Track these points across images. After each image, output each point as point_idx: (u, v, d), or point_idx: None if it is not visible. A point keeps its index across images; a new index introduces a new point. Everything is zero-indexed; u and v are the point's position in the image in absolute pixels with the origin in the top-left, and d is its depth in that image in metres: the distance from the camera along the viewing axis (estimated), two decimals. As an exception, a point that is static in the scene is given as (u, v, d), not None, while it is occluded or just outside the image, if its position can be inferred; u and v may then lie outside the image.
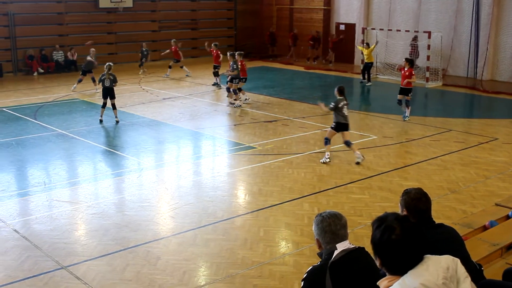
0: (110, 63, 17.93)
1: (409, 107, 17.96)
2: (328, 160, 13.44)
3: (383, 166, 13.23)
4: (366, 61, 25.00)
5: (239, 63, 20.22)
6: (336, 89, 13.51)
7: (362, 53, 25.58)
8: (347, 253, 4.04)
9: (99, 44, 28.94)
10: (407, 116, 17.87)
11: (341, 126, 13.38)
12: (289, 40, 32.26)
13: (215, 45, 23.85)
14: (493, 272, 5.88)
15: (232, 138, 15.98)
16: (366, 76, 24.99)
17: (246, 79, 20.60)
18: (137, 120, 17.88)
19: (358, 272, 4.00)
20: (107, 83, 17.52)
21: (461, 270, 3.09)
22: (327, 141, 13.54)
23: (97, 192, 11.76)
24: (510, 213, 8.68)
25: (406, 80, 17.64)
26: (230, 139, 15.96)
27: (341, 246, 4.06)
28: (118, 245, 9.08)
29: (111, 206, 10.85)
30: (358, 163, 13.28)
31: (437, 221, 4.79)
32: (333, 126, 13.49)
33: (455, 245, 4.66)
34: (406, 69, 17.74)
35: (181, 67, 26.68)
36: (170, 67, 26.71)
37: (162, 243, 9.19)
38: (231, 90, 20.19)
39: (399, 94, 17.99)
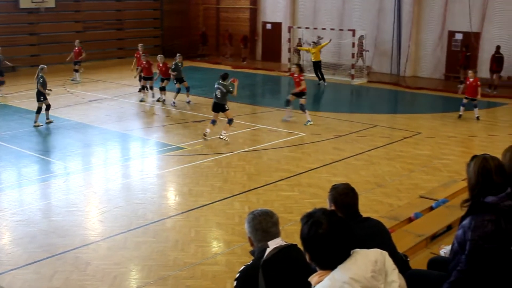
0: (43, 66, 17.69)
1: (306, 111, 17.36)
2: (205, 135, 15.24)
3: (311, 163, 13.41)
4: (313, 60, 24.75)
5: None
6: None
7: (298, 52, 25.52)
8: (279, 250, 4.05)
9: (20, 45, 28.14)
10: (309, 121, 17.25)
11: (214, 106, 15.51)
12: (226, 41, 32.14)
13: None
14: (419, 262, 6.05)
15: (161, 139, 15.84)
16: (320, 76, 24.92)
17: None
18: (62, 123, 17.44)
19: (291, 269, 4.02)
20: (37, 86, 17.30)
21: (389, 263, 3.14)
22: (213, 121, 15.42)
23: (21, 198, 11.40)
24: (433, 205, 8.96)
25: (299, 88, 17.42)
26: (158, 140, 15.81)
27: (273, 244, 4.07)
28: (45, 252, 8.83)
29: (37, 212, 10.55)
30: (220, 138, 15.13)
31: (364, 215, 4.87)
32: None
33: (382, 237, 4.75)
34: (296, 75, 17.63)
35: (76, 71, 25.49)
36: (77, 71, 25.50)
37: (91, 248, 9.00)
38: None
39: (292, 95, 17.73)
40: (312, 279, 3.11)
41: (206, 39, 33.12)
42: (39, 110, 17.12)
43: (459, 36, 25.14)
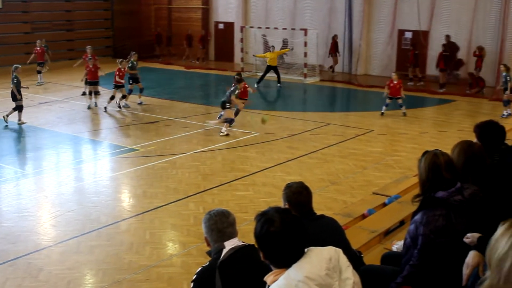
0: (17, 65, 17.77)
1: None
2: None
3: (266, 162, 13.45)
4: (269, 63, 24.25)
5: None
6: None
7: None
8: (235, 251, 4.04)
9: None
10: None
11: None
12: (184, 41, 31.70)
13: (90, 48, 22.44)
14: (373, 257, 6.13)
15: (114, 141, 15.64)
16: (262, 78, 24.76)
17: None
18: (12, 127, 17.05)
19: (248, 269, 4.02)
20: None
21: (343, 260, 3.15)
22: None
23: (-30, 204, 11.11)
24: (386, 201, 9.11)
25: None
26: (111, 142, 15.61)
27: (229, 244, 4.07)
28: (-5, 258, 8.64)
29: (-13, 218, 10.29)
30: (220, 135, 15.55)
31: (319, 212, 4.91)
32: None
33: (336, 235, 4.80)
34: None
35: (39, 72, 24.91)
36: (39, 72, 24.95)
37: (44, 254, 8.83)
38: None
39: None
40: (268, 278, 3.13)
41: (162, 39, 32.77)
42: (19, 109, 17.33)
43: (408, 35, 25.59)
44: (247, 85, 17.44)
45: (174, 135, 15.82)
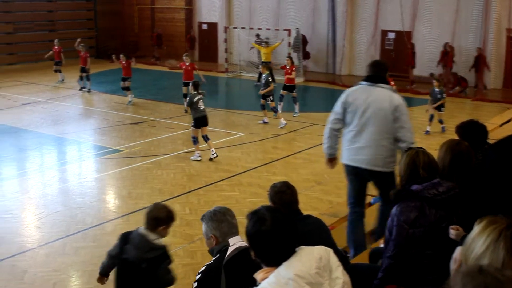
0: None
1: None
2: (199, 158, 13.53)
3: (251, 162, 13.47)
4: (263, 60, 23.89)
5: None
6: (191, 84, 13.85)
7: (259, 52, 25.37)
8: (240, 251, 4.07)
9: None
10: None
11: (200, 121, 13.50)
12: (186, 44, 31.52)
13: (83, 46, 23.17)
14: (359, 257, 6.18)
15: (98, 142, 15.59)
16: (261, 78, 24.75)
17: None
18: (-4, 128, 16.95)
19: (250, 270, 4.03)
20: None
21: (333, 259, 3.17)
22: (195, 140, 13.59)
23: (-47, 206, 11.02)
24: (372, 201, 9.15)
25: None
26: (96, 143, 15.55)
27: (233, 241, 4.10)
28: (-20, 261, 8.58)
29: (-30, 220, 10.22)
30: (211, 159, 13.58)
31: (304, 212, 4.95)
32: (193, 123, 13.60)
33: (322, 234, 4.85)
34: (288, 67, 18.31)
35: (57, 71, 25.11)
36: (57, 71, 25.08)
37: (28, 256, 8.79)
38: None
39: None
40: (258, 275, 3.14)
41: (161, 40, 32.21)
42: None
43: (391, 35, 25.76)
44: None
45: (158, 136, 15.80)
